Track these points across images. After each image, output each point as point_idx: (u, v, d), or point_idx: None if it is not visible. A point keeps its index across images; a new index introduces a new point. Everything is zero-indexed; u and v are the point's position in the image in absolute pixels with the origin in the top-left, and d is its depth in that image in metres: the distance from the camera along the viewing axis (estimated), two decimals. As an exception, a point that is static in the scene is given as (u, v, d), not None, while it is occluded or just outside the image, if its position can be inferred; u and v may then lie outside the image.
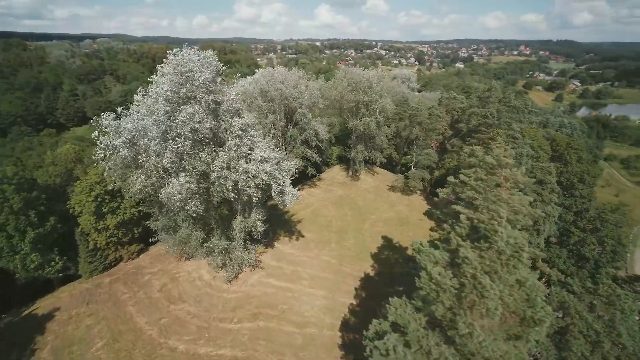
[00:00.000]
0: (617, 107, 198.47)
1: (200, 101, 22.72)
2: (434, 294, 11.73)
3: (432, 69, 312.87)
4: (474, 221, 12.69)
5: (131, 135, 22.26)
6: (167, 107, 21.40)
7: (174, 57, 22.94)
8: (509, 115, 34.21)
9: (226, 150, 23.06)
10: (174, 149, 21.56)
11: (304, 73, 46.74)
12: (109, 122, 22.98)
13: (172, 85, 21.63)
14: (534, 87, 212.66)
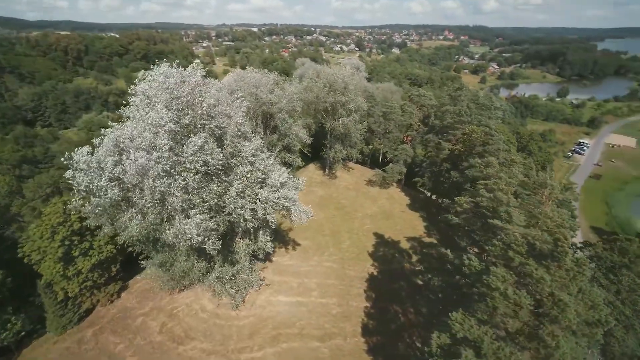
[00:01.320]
0: (525, 86, 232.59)
1: (204, 128, 20.54)
2: (510, 311, 12.97)
3: (372, 55, 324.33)
4: (527, 238, 14.10)
5: (121, 171, 19.18)
6: (170, 142, 18.89)
7: (165, 79, 20.13)
8: (479, 112, 37.99)
9: (239, 178, 21.46)
10: (181, 185, 19.29)
11: (277, 75, 44.87)
12: (86, 158, 19.44)
13: (173, 115, 19.07)
14: (462, 70, 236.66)
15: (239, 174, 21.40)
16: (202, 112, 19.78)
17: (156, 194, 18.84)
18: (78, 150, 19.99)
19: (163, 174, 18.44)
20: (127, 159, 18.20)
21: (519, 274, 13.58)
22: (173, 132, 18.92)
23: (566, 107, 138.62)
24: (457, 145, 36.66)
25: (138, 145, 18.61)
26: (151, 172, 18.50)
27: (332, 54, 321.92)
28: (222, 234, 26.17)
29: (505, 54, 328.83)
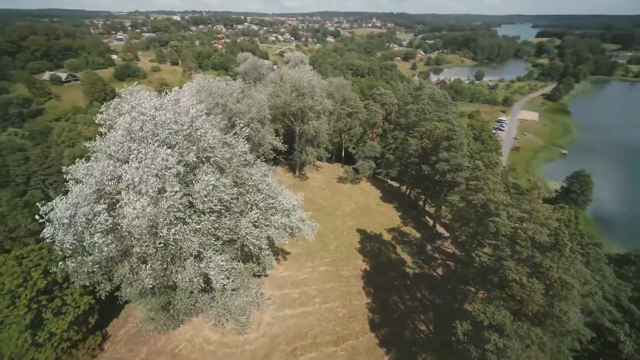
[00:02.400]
0: (448, 70, 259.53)
1: (208, 160, 19.41)
2: (527, 297, 15.79)
3: (309, 44, 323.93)
4: (527, 232, 17.07)
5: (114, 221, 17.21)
6: (178, 184, 17.58)
7: (156, 112, 18.31)
8: (437, 108, 42.15)
9: (250, 207, 21.01)
10: (195, 228, 18.25)
11: (242, 81, 42.87)
12: (70, 212, 16.96)
13: (177, 153, 17.70)
14: (395, 58, 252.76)
15: (250, 203, 20.82)
16: (207, 145, 18.56)
17: (170, 241, 17.43)
18: (56, 200, 17.20)
19: (176, 222, 17.08)
20: (131, 209, 16.35)
21: (528, 265, 16.50)
22: (180, 173, 17.51)
23: (484, 89, 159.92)
24: (424, 141, 40.32)
25: (142, 191, 16.80)
26: (161, 220, 17.00)
27: (267, 44, 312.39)
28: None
29: (428, 40, 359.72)
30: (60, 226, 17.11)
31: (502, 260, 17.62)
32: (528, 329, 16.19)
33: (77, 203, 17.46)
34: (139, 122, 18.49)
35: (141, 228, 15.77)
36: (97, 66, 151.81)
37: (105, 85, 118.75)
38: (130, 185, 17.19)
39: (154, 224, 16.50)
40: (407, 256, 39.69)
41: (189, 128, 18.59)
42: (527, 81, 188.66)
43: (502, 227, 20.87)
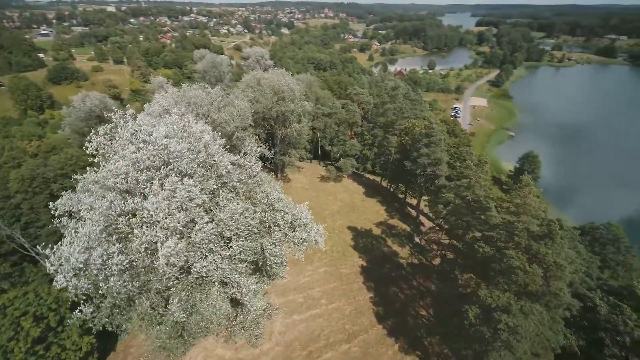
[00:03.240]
0: (402, 60, 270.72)
1: (225, 186, 19.28)
2: (530, 280, 18.47)
3: (264, 37, 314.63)
4: (520, 224, 19.80)
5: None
6: (206, 215, 17.39)
7: (168, 140, 17.67)
8: (413, 106, 44.77)
9: (267, 226, 21.37)
10: (224, 256, 18.25)
11: (220, 89, 41.22)
12: (83, 256, 16.00)
13: (199, 182, 17.43)
14: (352, 49, 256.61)
15: (268, 222, 21.06)
16: (224, 171, 18.34)
17: (202, 272, 17.23)
18: (61, 246, 15.98)
19: (207, 254, 16.90)
20: (166, 247, 15.83)
21: (526, 252, 19.21)
22: (205, 202, 17.22)
23: (438, 78, 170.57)
24: (404, 137, 42.80)
25: (168, 227, 16.29)
26: (192, 254, 16.73)
27: (219, 37, 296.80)
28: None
29: (380, 30, 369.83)
30: (73, 273, 15.96)
31: (502, 250, 20.20)
32: (530, 306, 18.99)
33: (90, 246, 16.38)
34: (148, 152, 17.60)
35: (177, 266, 15.38)
36: (24, 68, 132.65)
37: (40, 90, 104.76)
38: (148, 220, 16.50)
39: (184, 259, 16.13)
40: (398, 248, 42.44)
41: (204, 154, 18.14)
42: (473, 69, 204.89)
43: (493, 218, 23.63)
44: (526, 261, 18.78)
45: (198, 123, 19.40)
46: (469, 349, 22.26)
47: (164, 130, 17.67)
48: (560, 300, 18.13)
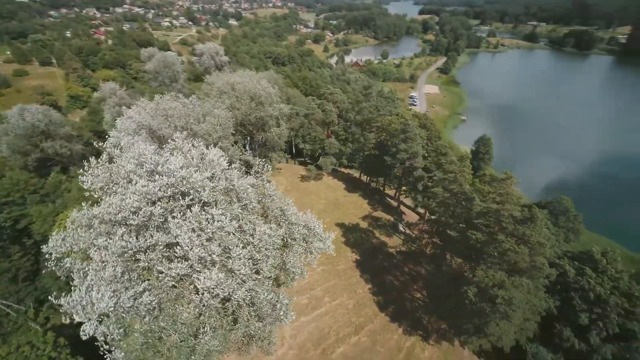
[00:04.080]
0: (355, 50, 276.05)
1: (247, 209, 19.59)
2: (519, 259, 21.79)
3: (212, 29, 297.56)
4: (505, 212, 23.11)
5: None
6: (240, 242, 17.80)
7: (187, 170, 17.52)
8: (386, 104, 47.21)
9: (286, 240, 22.20)
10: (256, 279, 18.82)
11: (195, 98, 39.46)
12: (104, 304, 15.63)
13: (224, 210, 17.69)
14: (306, 41, 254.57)
15: (286, 237, 21.79)
16: (246, 195, 18.59)
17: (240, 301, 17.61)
18: (71, 294, 15.30)
19: (244, 279, 17.29)
20: (208, 281, 15.90)
21: (513, 236, 22.50)
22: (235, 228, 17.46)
23: (392, 68, 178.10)
24: (382, 134, 45.26)
25: (200, 259, 16.35)
26: (230, 282, 17.05)
27: (162, 31, 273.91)
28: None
29: (331, 20, 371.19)
30: (100, 319, 15.35)
31: (493, 235, 23.36)
32: (520, 280, 22.44)
33: (117, 289, 15.81)
34: (162, 184, 17.17)
35: (220, 297, 15.60)
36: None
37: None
38: (179, 254, 16.33)
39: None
40: (386, 238, 45.37)
41: (224, 181, 18.20)
42: (422, 57, 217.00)
43: (477, 207, 26.90)
44: (514, 243, 22.08)
45: (210, 149, 19.13)
46: (469, 323, 25.52)
47: (181, 161, 17.28)
48: (542, 272, 21.78)
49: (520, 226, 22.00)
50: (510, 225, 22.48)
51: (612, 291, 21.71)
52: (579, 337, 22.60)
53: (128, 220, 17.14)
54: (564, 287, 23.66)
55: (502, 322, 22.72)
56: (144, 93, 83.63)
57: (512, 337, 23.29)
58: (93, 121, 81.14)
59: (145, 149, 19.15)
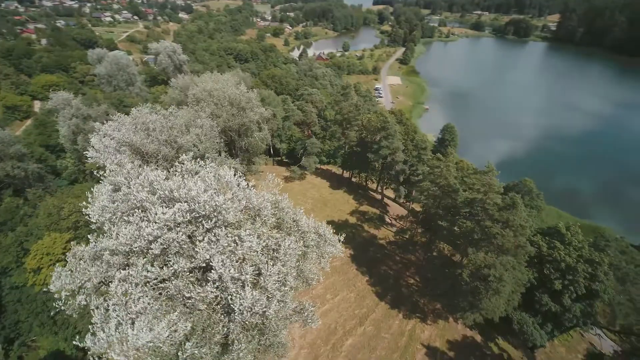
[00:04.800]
0: (316, 43, 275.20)
1: (266, 224, 20.22)
2: (506, 241, 24.90)
3: (161, 24, 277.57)
4: (490, 201, 26.17)
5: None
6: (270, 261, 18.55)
7: (209, 194, 17.81)
8: (364, 102, 48.92)
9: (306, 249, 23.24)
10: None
11: (174, 108, 37.88)
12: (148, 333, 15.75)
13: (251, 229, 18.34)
14: (266, 35, 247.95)
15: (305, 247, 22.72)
16: (267, 213, 19.19)
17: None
18: (95, 333, 15.13)
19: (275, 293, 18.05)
20: (246, 302, 16.42)
21: (499, 221, 25.56)
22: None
23: (355, 60, 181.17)
24: (363, 132, 47.12)
25: (234, 280, 16.86)
26: (266, 300, 17.76)
27: (104, 27, 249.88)
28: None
29: (289, 12, 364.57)
30: (137, 355, 15.34)
31: (480, 222, 26.30)
32: (507, 259, 25.68)
33: (149, 321, 15.81)
34: (183, 209, 17.20)
35: (258, 313, 16.24)
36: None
37: None
38: (212, 278, 16.64)
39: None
40: (375, 230, 47.84)
41: (245, 200, 18.60)
42: (382, 48, 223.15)
43: (462, 197, 29.87)
44: (500, 228, 25.15)
45: (226, 169, 19.23)
46: (464, 301, 28.59)
47: (202, 186, 17.29)
48: (525, 251, 25.19)
49: (504, 212, 25.11)
50: (495, 212, 25.50)
51: (577, 259, 25.90)
52: (554, 301, 26.66)
53: (147, 249, 17.01)
54: (540, 260, 27.55)
55: (494, 297, 25.95)
56: (99, 100, 77.13)
57: (502, 308, 26.73)
58: (42, 135, 73.41)
59: (156, 175, 18.87)
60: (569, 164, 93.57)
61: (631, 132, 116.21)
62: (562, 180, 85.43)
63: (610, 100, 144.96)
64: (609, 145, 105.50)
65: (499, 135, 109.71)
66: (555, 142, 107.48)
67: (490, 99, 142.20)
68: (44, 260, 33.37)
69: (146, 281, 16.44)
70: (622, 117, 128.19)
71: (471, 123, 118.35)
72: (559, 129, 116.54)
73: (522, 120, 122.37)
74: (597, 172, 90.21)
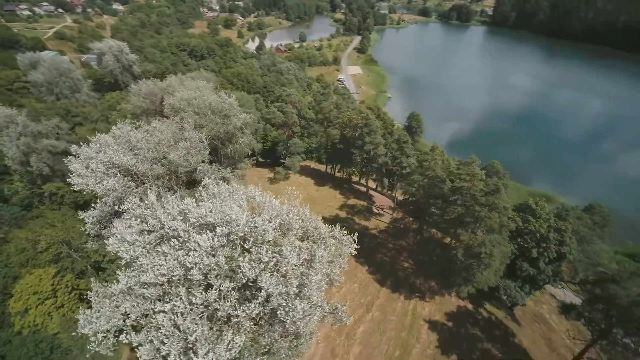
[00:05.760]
0: (271, 34, 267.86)
1: (296, 235, 21.35)
2: (493, 222, 28.72)
3: (94, 18, 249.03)
4: (477, 188, 29.84)
5: None
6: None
7: (244, 216, 18.49)
8: (344, 100, 50.46)
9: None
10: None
11: (159, 122, 36.00)
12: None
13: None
14: (217, 28, 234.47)
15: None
16: (298, 227, 20.29)
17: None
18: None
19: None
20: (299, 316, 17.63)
21: (485, 205, 29.26)
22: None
23: (314, 51, 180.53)
24: (345, 129, 48.95)
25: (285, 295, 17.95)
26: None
27: (23, 23, 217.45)
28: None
29: (237, 1, 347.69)
30: None
31: (470, 207, 29.86)
32: (494, 237, 29.65)
33: (210, 346, 16.45)
34: (223, 233, 17.75)
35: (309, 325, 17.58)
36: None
37: None
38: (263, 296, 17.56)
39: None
40: (366, 222, 50.61)
41: (278, 218, 19.48)
42: (339, 38, 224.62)
43: (448, 186, 33.37)
44: (487, 211, 28.88)
45: (255, 190, 19.78)
46: (460, 277, 32.43)
47: (239, 210, 17.78)
48: (508, 228, 29.32)
49: (489, 197, 28.83)
50: (482, 197, 29.16)
51: (548, 229, 30.81)
52: (532, 266, 31.55)
53: (187, 276, 17.44)
54: (519, 234, 32.16)
55: (486, 271, 29.96)
56: (42, 112, 68.98)
57: (492, 279, 30.97)
58: (-22, 156, 64.08)
59: (187, 203, 18.96)
60: (512, 139, 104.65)
61: (559, 106, 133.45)
62: (506, 154, 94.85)
63: (541, 79, 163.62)
64: (542, 119, 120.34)
65: (451, 117, 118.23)
66: (497, 120, 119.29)
67: (442, 84, 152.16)
68: (31, 300, 30.79)
69: (191, 308, 16.88)
70: (551, 94, 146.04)
71: (427, 107, 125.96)
72: (500, 108, 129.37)
73: (469, 101, 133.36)
74: (535, 143, 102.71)
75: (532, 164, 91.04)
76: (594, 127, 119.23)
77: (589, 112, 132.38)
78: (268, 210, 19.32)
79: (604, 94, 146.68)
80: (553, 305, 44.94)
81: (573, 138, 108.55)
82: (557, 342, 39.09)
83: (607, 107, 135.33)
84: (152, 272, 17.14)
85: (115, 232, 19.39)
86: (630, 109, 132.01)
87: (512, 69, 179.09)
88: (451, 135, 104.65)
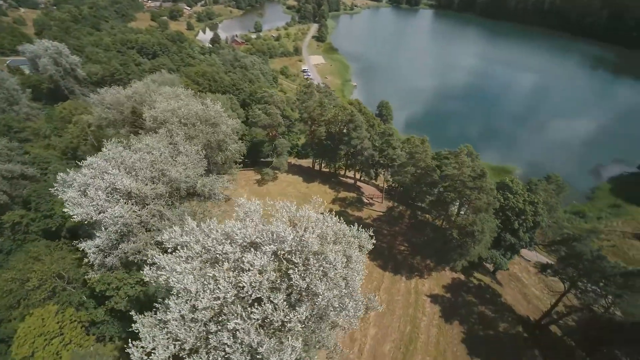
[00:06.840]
0: (222, 25, 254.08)
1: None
2: (482, 203, 32.77)
3: (9, 12, 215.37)
4: (465, 175, 33.67)
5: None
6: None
7: (280, 229, 19.76)
8: (325, 96, 51.52)
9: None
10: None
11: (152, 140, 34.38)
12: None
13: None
14: (163, 19, 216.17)
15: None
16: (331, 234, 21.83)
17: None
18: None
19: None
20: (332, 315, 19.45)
21: (474, 189, 33.15)
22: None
23: (273, 42, 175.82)
24: (331, 126, 50.49)
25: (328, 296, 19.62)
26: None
27: None
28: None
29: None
30: None
31: (461, 192, 33.63)
32: (483, 216, 33.87)
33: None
34: (271, 251, 18.85)
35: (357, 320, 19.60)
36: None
37: None
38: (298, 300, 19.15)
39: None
40: (359, 212, 53.34)
41: (317, 228, 20.88)
42: (295, 26, 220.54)
43: (437, 175, 36.97)
44: (477, 193, 32.83)
45: (293, 207, 20.83)
46: (455, 253, 36.59)
47: (288, 229, 18.81)
48: (494, 206, 33.70)
49: (477, 181, 32.74)
50: (470, 182, 32.99)
51: (524, 203, 35.90)
52: (513, 236, 36.72)
53: (239, 296, 18.54)
54: (501, 209, 36.98)
55: (478, 246, 34.27)
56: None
57: (484, 252, 35.53)
58: None
59: (233, 225, 19.62)
60: (461, 117, 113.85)
61: (502, 82, 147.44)
62: (458, 131, 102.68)
63: (486, 59, 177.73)
64: (487, 96, 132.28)
65: (408, 100, 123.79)
66: (448, 99, 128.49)
67: (398, 68, 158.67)
68: (37, 342, 28.88)
69: (251, 323, 18.05)
70: (495, 72, 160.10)
71: (387, 93, 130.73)
72: (450, 88, 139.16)
73: (422, 83, 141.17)
74: (482, 119, 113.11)
75: (482, 138, 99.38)
76: (530, 99, 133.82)
77: (525, 86, 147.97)
78: (306, 221, 20.53)
79: (534, 68, 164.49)
80: (522, 264, 52.32)
81: (514, 111, 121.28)
82: (530, 295, 46.01)
83: (539, 80, 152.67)
84: (206, 297, 17.80)
85: (160, 263, 19.52)
86: (555, 80, 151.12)
87: (459, 50, 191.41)
88: (407, 116, 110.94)
